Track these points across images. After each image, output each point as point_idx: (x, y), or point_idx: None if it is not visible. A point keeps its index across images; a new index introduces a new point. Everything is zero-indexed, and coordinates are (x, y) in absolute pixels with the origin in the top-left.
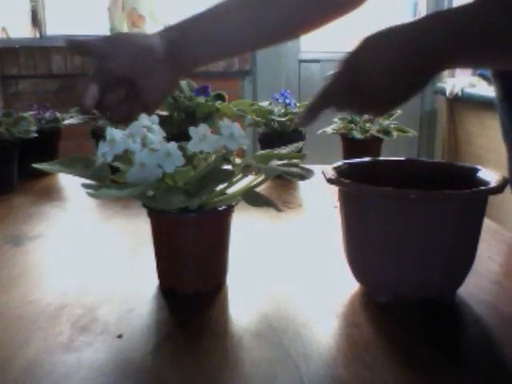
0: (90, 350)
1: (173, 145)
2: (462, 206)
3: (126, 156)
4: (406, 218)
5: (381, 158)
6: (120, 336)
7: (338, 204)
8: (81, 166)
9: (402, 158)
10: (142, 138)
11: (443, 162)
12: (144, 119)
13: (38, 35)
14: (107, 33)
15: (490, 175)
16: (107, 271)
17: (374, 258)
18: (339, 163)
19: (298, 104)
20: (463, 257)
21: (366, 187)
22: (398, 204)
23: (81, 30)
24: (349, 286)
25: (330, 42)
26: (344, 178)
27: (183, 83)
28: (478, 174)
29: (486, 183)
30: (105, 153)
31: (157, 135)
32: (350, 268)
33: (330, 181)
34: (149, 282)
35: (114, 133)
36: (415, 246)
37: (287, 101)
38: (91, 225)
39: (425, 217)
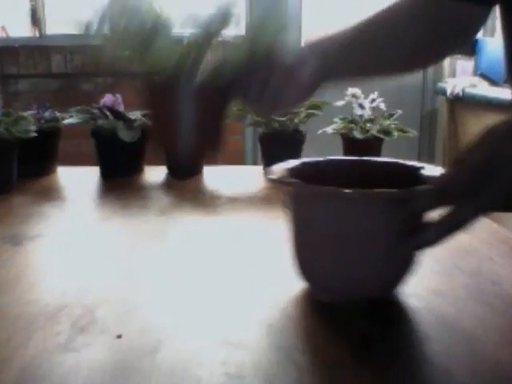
0: (89, 350)
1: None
2: (396, 205)
3: None
4: (345, 217)
5: (335, 158)
6: (119, 336)
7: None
8: None
9: (356, 158)
10: None
11: (391, 161)
12: None
13: (37, 34)
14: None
15: (434, 172)
16: (106, 271)
17: (315, 256)
18: (291, 162)
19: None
20: (402, 256)
21: (304, 186)
22: (336, 203)
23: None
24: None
25: None
26: (296, 177)
27: None
28: (420, 172)
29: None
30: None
31: None
32: (295, 266)
33: (271, 181)
34: (148, 281)
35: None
36: (354, 245)
37: None
38: (90, 225)
39: (362, 215)
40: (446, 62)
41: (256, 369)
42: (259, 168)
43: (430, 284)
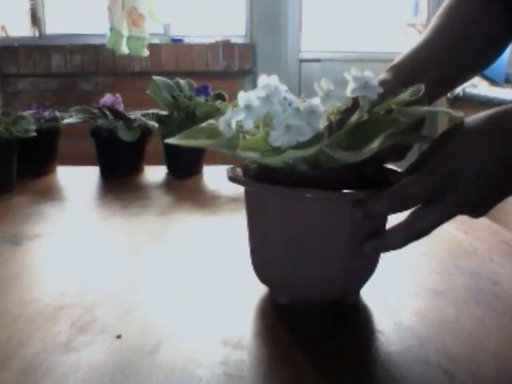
0: (88, 350)
1: (315, 101)
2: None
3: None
4: (304, 218)
5: None
6: (119, 336)
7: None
8: (205, 136)
9: None
10: (281, 98)
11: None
12: (265, 78)
13: (37, 34)
14: (107, 32)
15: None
16: (106, 271)
17: (273, 257)
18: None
19: None
20: (363, 257)
21: (263, 186)
22: (295, 203)
23: (80, 29)
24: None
25: (331, 42)
26: (253, 176)
27: (183, 82)
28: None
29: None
30: (240, 120)
31: (288, 93)
32: (253, 267)
33: (230, 179)
34: (148, 281)
35: (250, 97)
36: (313, 246)
37: None
38: (90, 224)
39: (321, 216)
40: None
41: (256, 369)
42: None
43: (430, 284)
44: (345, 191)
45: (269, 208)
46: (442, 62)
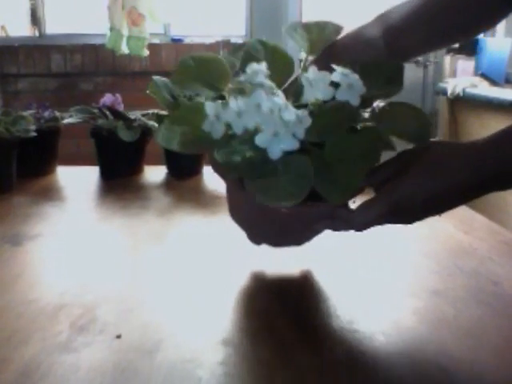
0: (88, 350)
1: (303, 112)
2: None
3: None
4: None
5: None
6: (119, 336)
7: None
8: (188, 122)
9: None
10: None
11: None
12: (253, 66)
13: (37, 34)
14: (107, 32)
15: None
16: (106, 271)
17: (249, 218)
18: None
19: None
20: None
21: (234, 183)
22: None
23: (80, 29)
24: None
25: None
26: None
27: None
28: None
29: None
30: (230, 123)
31: (279, 96)
32: (230, 213)
33: (214, 169)
34: (148, 281)
35: (240, 105)
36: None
37: None
38: (90, 224)
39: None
40: (447, 62)
41: (255, 368)
42: None
43: (430, 284)
44: (314, 209)
45: (246, 200)
46: (432, 19)
